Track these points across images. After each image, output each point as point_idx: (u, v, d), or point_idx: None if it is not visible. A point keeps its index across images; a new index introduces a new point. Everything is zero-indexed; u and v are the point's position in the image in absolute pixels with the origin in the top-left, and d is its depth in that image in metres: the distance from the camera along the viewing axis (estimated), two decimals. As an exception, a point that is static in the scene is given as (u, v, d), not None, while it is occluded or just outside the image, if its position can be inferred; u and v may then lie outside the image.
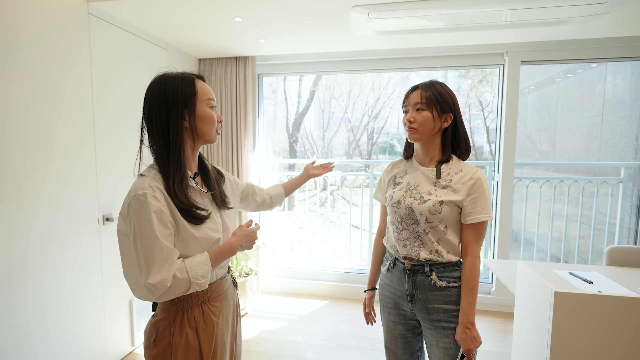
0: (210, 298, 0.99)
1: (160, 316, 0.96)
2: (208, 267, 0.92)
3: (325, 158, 8.34)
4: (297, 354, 2.22)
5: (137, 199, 0.86)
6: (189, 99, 0.93)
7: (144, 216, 0.85)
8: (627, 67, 3.49)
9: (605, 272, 1.72)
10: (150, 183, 0.89)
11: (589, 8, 1.81)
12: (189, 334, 0.94)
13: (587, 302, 1.06)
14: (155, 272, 0.84)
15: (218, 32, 2.30)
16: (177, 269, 0.87)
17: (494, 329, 2.52)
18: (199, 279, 0.89)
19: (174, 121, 0.92)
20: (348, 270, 3.13)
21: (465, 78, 8.29)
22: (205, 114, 0.96)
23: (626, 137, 3.25)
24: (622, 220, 2.83)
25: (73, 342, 1.81)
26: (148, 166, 0.97)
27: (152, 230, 0.85)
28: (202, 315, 0.96)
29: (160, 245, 0.85)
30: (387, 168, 1.32)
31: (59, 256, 1.72)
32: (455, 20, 2.06)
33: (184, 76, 0.96)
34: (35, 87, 1.59)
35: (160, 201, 0.88)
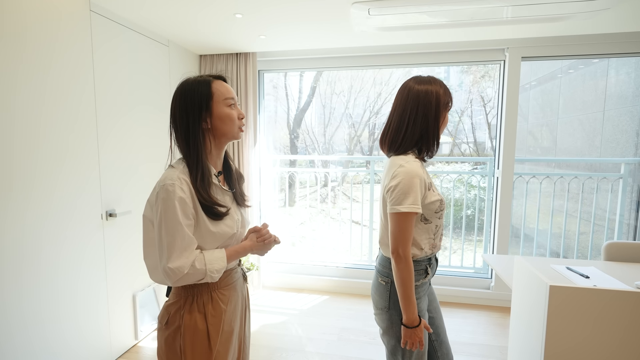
0: (220, 286, 1.03)
1: (172, 300, 1.01)
2: (224, 263, 0.98)
3: (327, 154, 8.35)
4: (298, 347, 2.25)
5: (166, 188, 0.92)
6: (204, 102, 0.98)
7: (170, 204, 0.91)
8: (629, 62, 3.48)
9: (602, 267, 1.74)
10: (179, 175, 0.94)
11: (590, 4, 1.81)
12: (198, 318, 0.98)
13: (581, 296, 1.07)
14: (175, 257, 0.90)
15: (219, 29, 2.31)
16: (197, 259, 0.93)
17: (493, 323, 2.54)
18: (214, 272, 0.95)
19: (192, 124, 0.97)
20: (349, 266, 3.16)
21: (467, 74, 8.26)
22: (224, 114, 1.01)
23: (627, 133, 3.25)
24: (622, 216, 2.84)
25: (80, 336, 1.84)
26: (178, 159, 1.03)
27: (177, 218, 0.91)
28: (211, 302, 1.01)
29: (182, 233, 0.91)
30: (421, 172, 1.14)
31: (63, 252, 1.75)
32: (456, 16, 2.06)
33: (201, 79, 1.01)
34: (39, 84, 1.60)
35: (186, 193, 0.93)
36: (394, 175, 1.12)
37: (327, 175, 3.83)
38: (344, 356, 2.16)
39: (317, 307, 2.80)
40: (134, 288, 2.24)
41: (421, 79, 1.17)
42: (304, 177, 4.04)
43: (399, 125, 1.17)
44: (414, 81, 1.17)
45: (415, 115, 1.14)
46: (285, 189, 3.51)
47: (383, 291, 1.21)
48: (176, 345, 0.98)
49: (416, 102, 1.14)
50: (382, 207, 1.21)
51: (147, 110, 2.30)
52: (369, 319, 2.61)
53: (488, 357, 2.15)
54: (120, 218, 2.08)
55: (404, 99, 1.16)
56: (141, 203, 2.25)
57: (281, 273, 3.21)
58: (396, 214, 1.09)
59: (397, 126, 1.17)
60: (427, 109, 1.13)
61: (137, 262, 2.25)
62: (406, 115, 1.15)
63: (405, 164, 1.12)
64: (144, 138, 2.27)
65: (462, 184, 4.00)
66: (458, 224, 4.82)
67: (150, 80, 2.33)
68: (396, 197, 1.10)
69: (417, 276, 1.19)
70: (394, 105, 1.20)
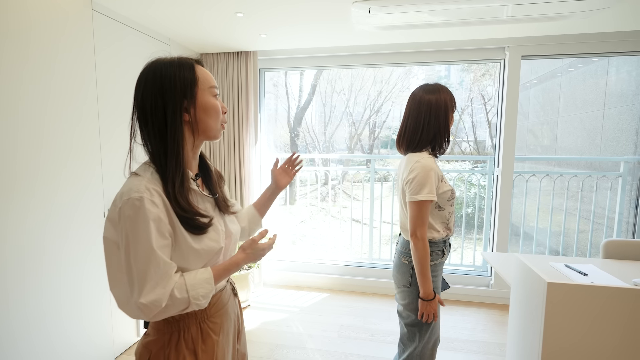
0: (209, 315, 0.88)
1: (153, 337, 0.85)
2: (211, 286, 0.81)
3: (327, 152, 8.36)
4: (298, 344, 2.27)
5: (132, 203, 0.73)
6: (188, 88, 0.80)
7: (140, 224, 0.73)
8: (630, 61, 3.48)
9: (601, 264, 1.75)
10: (147, 185, 0.76)
11: (589, 3, 1.82)
12: (187, 356, 0.83)
13: (579, 293, 1.09)
14: (148, 289, 0.73)
15: (220, 28, 2.32)
16: (176, 286, 0.76)
17: (492, 320, 2.56)
18: (199, 299, 0.79)
19: (171, 114, 0.79)
20: (349, 263, 3.17)
21: (467, 72, 8.25)
22: (210, 104, 0.84)
23: (627, 131, 3.26)
24: (621, 214, 2.85)
25: (83, 333, 1.86)
26: (143, 163, 0.84)
27: (149, 242, 0.73)
28: (201, 334, 0.86)
29: (157, 260, 0.74)
30: (434, 166, 1.33)
31: (66, 250, 1.76)
32: (456, 15, 2.07)
33: (182, 61, 0.82)
34: (41, 83, 1.62)
35: (159, 207, 0.76)
36: (412, 169, 1.32)
37: (328, 173, 3.84)
38: (344, 353, 2.18)
39: (317, 304, 2.82)
40: (136, 285, 2.26)
41: (430, 89, 1.36)
42: (305, 176, 4.05)
43: (415, 128, 1.36)
44: (424, 91, 1.36)
45: (429, 119, 1.34)
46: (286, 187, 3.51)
47: (405, 270, 1.41)
48: None
49: (428, 109, 1.34)
50: (402, 198, 1.40)
51: (148, 108, 2.32)
52: (369, 316, 2.63)
53: (487, 354, 2.16)
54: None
55: (418, 106, 1.36)
56: (143, 201, 2.27)
57: (282, 271, 3.23)
58: (415, 202, 1.29)
59: (414, 129, 1.37)
60: (438, 114, 1.34)
61: (139, 259, 2.27)
62: (421, 119, 1.35)
63: (421, 160, 1.32)
64: (145, 136, 2.29)
65: (462, 183, 4.01)
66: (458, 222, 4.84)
67: (152, 79, 2.35)
68: (414, 188, 1.29)
69: (435, 256, 1.38)
70: (407, 111, 1.40)
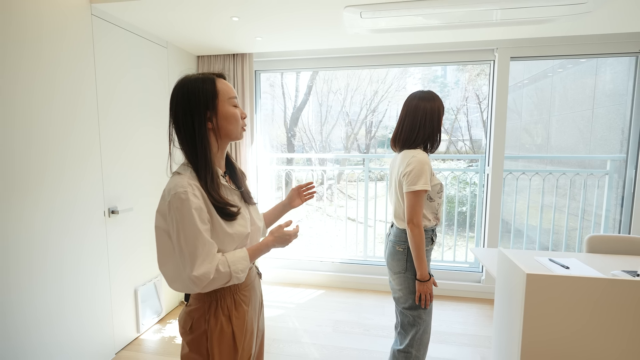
0: (241, 288, 1.05)
1: (194, 305, 1.01)
2: (247, 263, 0.99)
3: (324, 152, 8.42)
4: (294, 338, 2.33)
5: (179, 196, 0.90)
6: (210, 100, 0.96)
7: (186, 213, 0.89)
8: (616, 62, 3.57)
9: (584, 258, 1.83)
10: (189, 181, 0.92)
11: (571, 8, 1.89)
12: (223, 321, 1.00)
13: (556, 283, 1.16)
14: (198, 264, 0.90)
15: (216, 31, 2.38)
16: (220, 262, 0.93)
17: (483, 314, 2.63)
18: (239, 273, 0.96)
19: (198, 123, 0.95)
20: (344, 261, 3.24)
21: (463, 71, 8.34)
22: (229, 113, 0.99)
23: (614, 130, 3.34)
24: (608, 211, 2.93)
25: (84, 329, 1.92)
26: (182, 164, 1.00)
27: (195, 225, 0.90)
28: (234, 304, 1.02)
29: (203, 240, 0.90)
30: (428, 160, 1.48)
31: (67, 248, 1.82)
32: (447, 18, 2.13)
33: (205, 77, 0.98)
34: (43, 87, 1.67)
35: (199, 199, 0.92)
36: (409, 163, 1.45)
37: (324, 173, 3.90)
38: (339, 347, 2.24)
39: (313, 300, 2.89)
40: (135, 283, 2.32)
41: (426, 97, 1.51)
42: (301, 175, 4.11)
43: (412, 129, 1.51)
44: (420, 99, 1.51)
45: (424, 122, 1.50)
46: (282, 187, 3.59)
47: (400, 257, 1.53)
48: (202, 348, 1.00)
49: (424, 114, 1.50)
50: (398, 190, 1.53)
51: (146, 109, 2.37)
52: (363, 311, 2.69)
53: (478, 347, 2.24)
54: (122, 215, 2.15)
55: (414, 111, 1.50)
56: (142, 200, 2.33)
57: (278, 268, 3.29)
58: (412, 192, 1.42)
59: (410, 129, 1.51)
60: (432, 118, 1.50)
61: (138, 257, 2.33)
62: (417, 122, 1.50)
63: (417, 155, 1.46)
64: (144, 137, 2.34)
65: (456, 181, 4.08)
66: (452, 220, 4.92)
67: (150, 80, 2.40)
68: (412, 179, 1.42)
69: (426, 242, 1.51)
70: (404, 114, 1.54)
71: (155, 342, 2.30)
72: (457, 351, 2.19)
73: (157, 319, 2.53)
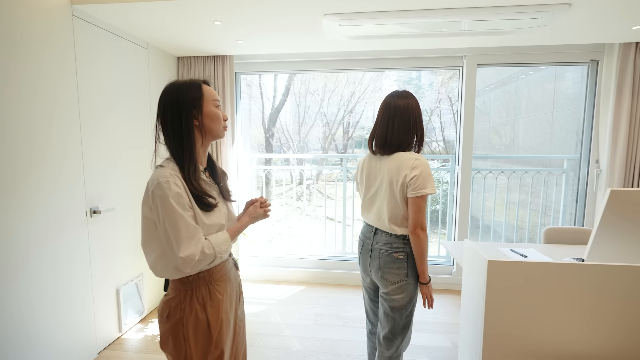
0: (215, 279, 1.12)
1: (171, 295, 1.10)
2: (229, 243, 1.11)
3: (302, 152, 8.51)
4: (277, 332, 2.42)
5: (161, 185, 0.99)
6: (197, 101, 1.08)
7: (168, 200, 0.98)
8: (572, 70, 3.87)
9: (541, 248, 2.02)
10: (170, 172, 1.02)
11: (529, 21, 2.08)
12: (198, 310, 1.08)
13: (514, 268, 1.31)
14: (184, 247, 0.99)
15: (198, 34, 2.42)
16: (205, 245, 1.03)
17: (453, 304, 2.81)
18: (222, 253, 1.07)
19: (185, 121, 1.06)
20: (323, 257, 3.35)
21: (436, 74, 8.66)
22: (212, 113, 1.10)
23: (570, 132, 3.63)
24: (566, 206, 3.19)
25: (66, 329, 1.92)
26: (165, 159, 1.10)
27: (177, 211, 0.99)
28: (209, 294, 1.10)
29: (186, 223, 1.00)
30: None
31: (49, 248, 1.82)
32: (419, 28, 2.28)
33: (192, 82, 1.10)
34: (24, 87, 1.68)
35: (180, 188, 1.02)
36: (414, 166, 1.39)
37: (302, 173, 3.99)
38: (320, 338, 2.35)
39: (294, 296, 2.98)
40: (117, 282, 2.33)
41: (409, 95, 1.49)
42: (280, 176, 4.18)
43: (405, 130, 1.45)
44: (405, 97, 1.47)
45: (415, 122, 1.46)
46: (262, 187, 3.65)
47: (401, 264, 1.46)
48: (179, 335, 1.07)
49: (414, 114, 1.46)
50: (400, 194, 1.42)
51: (128, 109, 2.38)
52: (342, 305, 2.81)
53: (449, 333, 2.40)
54: (104, 215, 2.17)
55: (404, 110, 1.44)
56: (124, 200, 2.34)
57: (259, 266, 3.35)
58: (421, 196, 1.38)
59: (404, 131, 1.45)
60: (421, 117, 1.48)
61: (120, 257, 2.34)
62: (410, 122, 1.45)
63: (419, 158, 1.42)
64: (126, 137, 2.36)
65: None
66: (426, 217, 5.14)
67: (131, 81, 2.42)
68: (421, 183, 1.38)
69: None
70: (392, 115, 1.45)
71: (138, 340, 2.32)
72: (430, 338, 2.35)
73: (139, 318, 2.54)
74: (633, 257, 1.46)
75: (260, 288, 3.14)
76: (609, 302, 1.21)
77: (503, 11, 1.98)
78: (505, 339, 1.32)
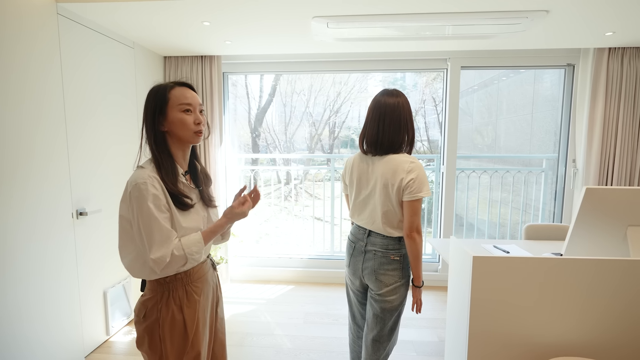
0: (192, 280, 1.13)
1: (148, 295, 1.10)
2: (201, 244, 1.08)
3: (288, 152, 8.51)
4: (267, 331, 2.43)
5: (138, 187, 1.00)
6: (158, 107, 1.07)
7: (144, 201, 0.99)
8: (550, 72, 4.02)
9: (522, 244, 2.10)
10: (149, 174, 1.03)
11: (509, 27, 2.17)
12: (174, 310, 1.08)
13: (497, 263, 1.37)
14: (155, 249, 0.99)
15: (186, 34, 2.42)
16: (175, 247, 1.02)
17: (439, 300, 2.89)
18: (193, 254, 1.05)
19: (151, 125, 1.07)
20: (312, 257, 3.38)
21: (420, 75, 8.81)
22: (176, 119, 1.07)
23: (549, 132, 3.78)
24: (545, 204, 3.32)
25: (52, 332, 1.89)
26: (147, 160, 1.10)
27: (152, 213, 0.99)
28: (186, 294, 1.11)
29: (159, 226, 1.00)
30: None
31: (35, 250, 1.79)
32: (405, 31, 2.34)
33: (160, 87, 1.09)
34: (8, 87, 1.64)
35: (158, 189, 1.02)
36: (410, 170, 1.36)
37: (289, 173, 4.01)
38: (310, 336, 2.38)
39: (283, 295, 3.00)
40: (104, 285, 2.30)
41: (399, 93, 1.44)
42: (267, 176, 4.19)
43: (395, 130, 1.40)
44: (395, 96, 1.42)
45: (406, 122, 1.42)
46: (250, 187, 3.65)
47: (397, 265, 1.45)
48: (155, 335, 1.08)
49: (405, 113, 1.41)
50: (396, 197, 1.40)
51: (114, 109, 2.36)
52: (331, 303, 2.85)
53: (435, 328, 2.47)
54: (90, 216, 2.14)
55: (394, 110, 1.40)
56: (110, 202, 2.31)
57: (248, 267, 3.36)
58: (417, 200, 1.36)
59: (394, 131, 1.40)
60: (411, 117, 1.44)
61: (107, 259, 2.31)
62: (400, 122, 1.40)
63: (414, 161, 1.39)
64: (112, 138, 2.33)
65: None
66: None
67: (117, 80, 2.39)
68: (417, 186, 1.36)
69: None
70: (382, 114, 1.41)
71: (126, 343, 2.29)
72: (417, 333, 2.41)
73: (126, 321, 2.51)
74: (607, 251, 1.55)
75: (249, 288, 3.14)
76: (589, 293, 1.28)
77: (485, 16, 2.06)
78: (490, 332, 1.37)
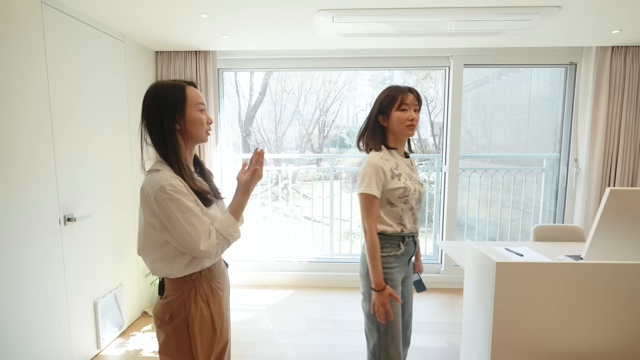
0: (215, 276, 1.16)
1: (172, 296, 1.08)
2: (235, 223, 1.10)
3: (278, 152, 8.38)
4: (269, 340, 2.32)
5: (165, 189, 0.98)
6: (179, 105, 1.05)
7: (178, 200, 0.98)
8: (547, 71, 4.02)
9: (533, 246, 2.05)
10: (170, 174, 1.01)
11: (519, 23, 2.11)
12: (202, 307, 1.09)
13: (521, 269, 1.30)
14: (204, 239, 1.01)
15: (180, 27, 2.28)
16: (217, 235, 1.05)
17: (443, 303, 2.83)
18: (231, 234, 1.08)
19: (167, 124, 1.04)
20: (311, 260, 3.28)
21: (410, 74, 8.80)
22: (195, 118, 1.08)
23: (547, 132, 3.77)
24: (545, 203, 3.31)
25: (40, 347, 1.74)
26: (156, 162, 1.07)
27: (190, 209, 1.00)
28: (211, 291, 1.13)
29: (199, 218, 1.02)
30: (379, 162, 1.34)
31: (20, 259, 1.64)
32: (409, 27, 2.26)
33: (176, 84, 1.07)
34: (-11, 81, 1.49)
35: (184, 187, 1.02)
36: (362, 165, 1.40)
37: (279, 173, 3.90)
38: (315, 345, 2.28)
39: (283, 301, 2.89)
40: (94, 295, 2.14)
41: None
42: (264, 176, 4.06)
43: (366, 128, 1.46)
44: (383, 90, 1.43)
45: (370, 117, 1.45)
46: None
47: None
48: (183, 335, 1.07)
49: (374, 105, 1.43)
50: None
51: (105, 108, 2.20)
52: (334, 308, 2.76)
53: (443, 333, 2.41)
54: (79, 222, 1.98)
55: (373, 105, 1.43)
56: (101, 206, 2.16)
57: (245, 271, 3.23)
58: (358, 194, 1.36)
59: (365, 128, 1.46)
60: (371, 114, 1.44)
61: (98, 267, 2.16)
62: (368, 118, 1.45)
63: (369, 157, 1.39)
64: (102, 138, 2.17)
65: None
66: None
67: (106, 76, 2.23)
68: (359, 182, 1.36)
69: (389, 248, 1.40)
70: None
71: (118, 357, 2.15)
72: (425, 338, 2.34)
73: (118, 333, 2.36)
74: (631, 255, 1.50)
75: (248, 293, 3.02)
76: (615, 299, 1.22)
77: (497, 12, 1.99)
78: (514, 339, 1.30)
